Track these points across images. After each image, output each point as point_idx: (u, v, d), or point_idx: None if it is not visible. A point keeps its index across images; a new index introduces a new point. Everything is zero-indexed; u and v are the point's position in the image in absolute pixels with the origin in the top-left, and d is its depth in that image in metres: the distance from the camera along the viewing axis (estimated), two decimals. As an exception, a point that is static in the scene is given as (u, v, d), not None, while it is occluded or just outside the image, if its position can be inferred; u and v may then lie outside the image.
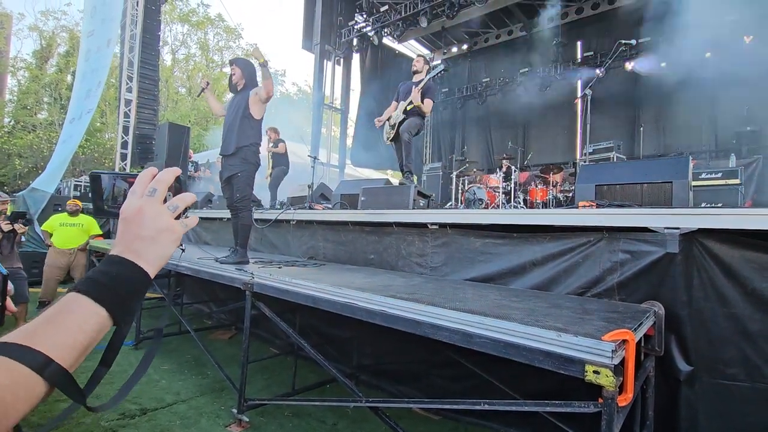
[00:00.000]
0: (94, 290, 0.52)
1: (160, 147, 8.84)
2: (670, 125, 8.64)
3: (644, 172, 3.04)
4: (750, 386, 1.96)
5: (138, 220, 0.58)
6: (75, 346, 0.48)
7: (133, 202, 0.60)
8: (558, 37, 9.95)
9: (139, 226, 0.58)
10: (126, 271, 0.55)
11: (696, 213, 2.13)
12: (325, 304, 2.19)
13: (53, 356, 0.46)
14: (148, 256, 0.57)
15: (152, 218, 0.59)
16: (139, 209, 0.59)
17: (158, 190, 0.61)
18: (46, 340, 0.46)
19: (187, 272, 3.48)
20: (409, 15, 9.47)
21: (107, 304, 0.52)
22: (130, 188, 0.62)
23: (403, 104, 4.62)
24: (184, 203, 0.63)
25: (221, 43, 29.67)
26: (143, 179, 0.62)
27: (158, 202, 0.60)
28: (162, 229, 0.59)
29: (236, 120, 3.44)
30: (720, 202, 4.46)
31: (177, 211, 0.62)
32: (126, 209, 0.59)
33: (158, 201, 0.61)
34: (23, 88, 22.44)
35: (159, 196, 0.61)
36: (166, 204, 0.61)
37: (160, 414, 2.78)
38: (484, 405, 1.64)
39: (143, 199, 0.60)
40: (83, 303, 0.51)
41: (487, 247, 2.94)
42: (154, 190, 0.61)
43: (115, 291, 0.53)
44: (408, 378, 3.22)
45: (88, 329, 0.50)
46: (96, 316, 0.51)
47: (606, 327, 1.51)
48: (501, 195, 6.55)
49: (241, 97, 3.49)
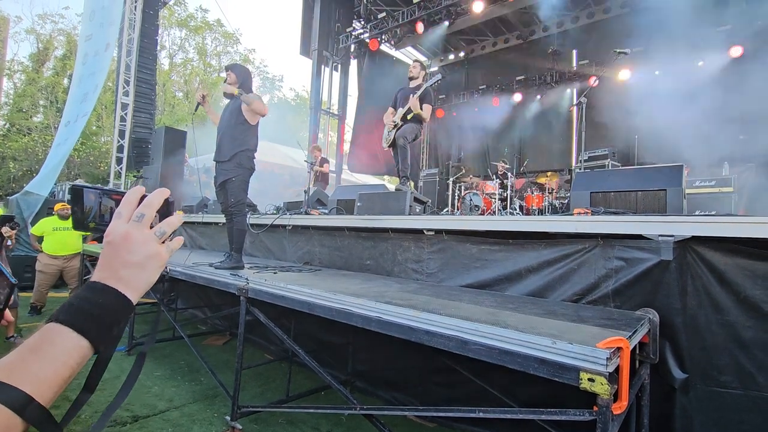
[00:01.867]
0: (78, 321, 0.50)
1: (156, 151, 8.82)
2: (664, 133, 8.72)
3: (639, 179, 3.06)
4: (743, 394, 1.97)
5: (125, 246, 0.57)
6: (56, 380, 0.47)
7: (119, 227, 0.58)
8: (554, 45, 10.06)
9: (127, 252, 0.56)
10: (110, 299, 0.54)
11: (690, 220, 2.14)
12: (321, 310, 2.18)
13: (33, 393, 0.44)
14: (134, 283, 0.56)
15: (140, 245, 0.57)
16: (126, 235, 0.57)
17: (146, 215, 0.59)
18: (26, 375, 0.45)
19: (182, 277, 3.46)
20: (406, 22, 9.55)
21: (90, 334, 0.50)
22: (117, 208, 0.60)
23: (402, 111, 4.63)
24: (171, 228, 0.62)
25: (219, 48, 29.76)
26: (130, 200, 0.60)
27: (146, 228, 0.59)
28: (150, 256, 0.58)
29: (231, 126, 3.44)
30: (713, 210, 4.50)
31: (164, 237, 0.60)
32: (112, 233, 0.57)
33: (146, 226, 0.59)
34: (19, 91, 22.35)
35: (146, 221, 0.59)
36: (153, 230, 0.60)
37: (152, 421, 2.75)
38: (479, 412, 1.63)
39: (130, 225, 0.58)
40: (65, 335, 0.49)
41: (482, 254, 2.94)
42: (142, 216, 0.59)
43: (99, 321, 0.51)
44: (403, 385, 3.20)
45: (71, 362, 0.48)
46: (79, 349, 0.49)
47: (601, 334, 1.51)
48: (497, 201, 6.58)
49: (235, 103, 3.49)
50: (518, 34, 11.23)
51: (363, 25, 10.93)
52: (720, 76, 7.83)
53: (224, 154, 3.41)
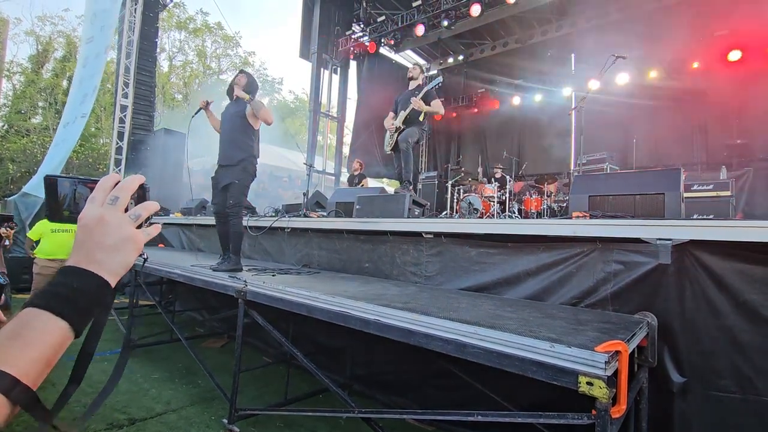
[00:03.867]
0: (55, 304, 0.50)
1: (154, 153, 8.81)
2: (662, 137, 8.76)
3: (637, 183, 3.07)
4: (741, 398, 1.97)
5: (99, 229, 0.56)
6: (39, 361, 0.47)
7: (93, 211, 0.58)
8: (553, 49, 10.10)
9: (102, 235, 0.56)
10: (86, 282, 0.53)
11: (688, 224, 2.15)
12: (319, 313, 2.18)
13: (18, 375, 0.44)
14: (109, 265, 0.56)
15: (114, 227, 0.57)
16: (101, 218, 0.57)
17: (120, 198, 0.59)
18: (9, 359, 0.45)
19: (180, 279, 3.45)
20: (405, 25, 9.58)
21: (68, 317, 0.50)
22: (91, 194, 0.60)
23: (403, 114, 4.63)
24: (147, 212, 0.61)
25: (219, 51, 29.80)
26: (104, 186, 0.60)
27: (120, 211, 0.59)
28: (125, 238, 0.58)
29: (234, 130, 3.46)
30: (711, 214, 4.51)
31: (139, 219, 0.60)
32: (85, 217, 0.57)
33: (120, 209, 0.59)
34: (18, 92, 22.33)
35: (121, 205, 0.59)
36: (128, 213, 0.60)
37: (149, 424, 2.73)
38: (477, 416, 1.63)
39: (104, 208, 0.58)
40: (43, 318, 0.49)
41: (481, 257, 2.95)
42: (116, 198, 0.59)
43: (75, 303, 0.51)
44: (402, 388, 3.19)
45: (52, 342, 0.48)
46: (58, 330, 0.49)
47: (599, 338, 1.51)
48: (496, 204, 6.58)
49: (238, 107, 3.50)
50: (517, 38, 11.27)
51: (362, 28, 10.96)
52: (718, 80, 7.86)
53: (230, 159, 3.44)
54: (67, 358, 0.52)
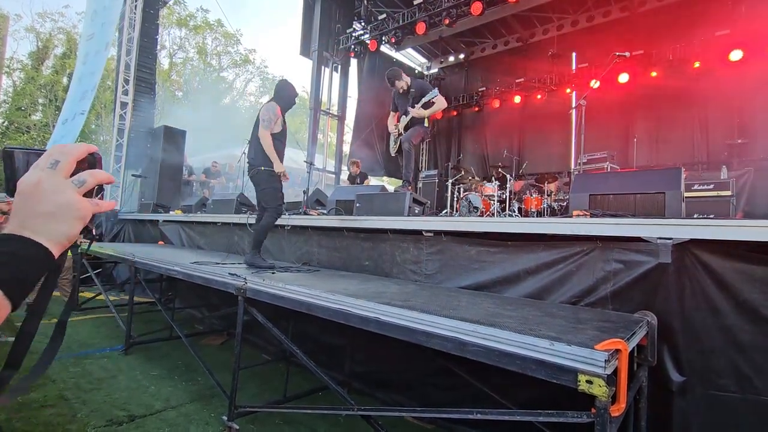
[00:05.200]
0: None
1: (155, 150, 8.81)
2: (663, 136, 8.76)
3: (637, 182, 3.07)
4: (741, 397, 1.97)
5: (36, 194, 0.52)
6: None
7: (31, 175, 0.53)
8: (553, 48, 10.08)
9: (37, 201, 0.52)
10: (22, 248, 0.49)
11: (688, 224, 2.15)
12: (319, 311, 2.18)
13: None
14: (47, 233, 0.51)
15: (52, 192, 0.53)
16: (38, 182, 0.53)
17: (61, 162, 0.54)
18: None
19: (180, 276, 3.45)
20: (406, 24, 9.56)
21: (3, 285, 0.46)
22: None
23: (405, 120, 4.60)
24: (95, 179, 0.56)
25: (219, 48, 29.76)
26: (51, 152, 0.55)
27: (60, 175, 0.54)
28: (62, 204, 0.53)
29: (257, 129, 3.55)
30: (712, 213, 4.51)
31: (84, 186, 0.55)
32: (23, 182, 0.53)
33: (60, 174, 0.54)
34: (18, 89, 22.31)
35: (62, 169, 0.54)
36: (72, 178, 0.55)
37: (148, 421, 2.73)
38: (476, 414, 1.63)
39: (43, 172, 0.54)
40: None
41: (481, 255, 2.94)
42: (56, 162, 0.54)
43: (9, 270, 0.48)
44: (401, 386, 3.19)
45: None
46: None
47: (599, 336, 1.51)
48: (496, 203, 6.58)
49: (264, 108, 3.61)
50: (518, 36, 11.25)
51: (363, 26, 10.93)
52: (719, 79, 7.85)
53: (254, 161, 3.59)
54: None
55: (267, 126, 3.45)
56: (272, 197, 3.54)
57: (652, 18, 8.94)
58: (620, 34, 9.14)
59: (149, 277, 5.39)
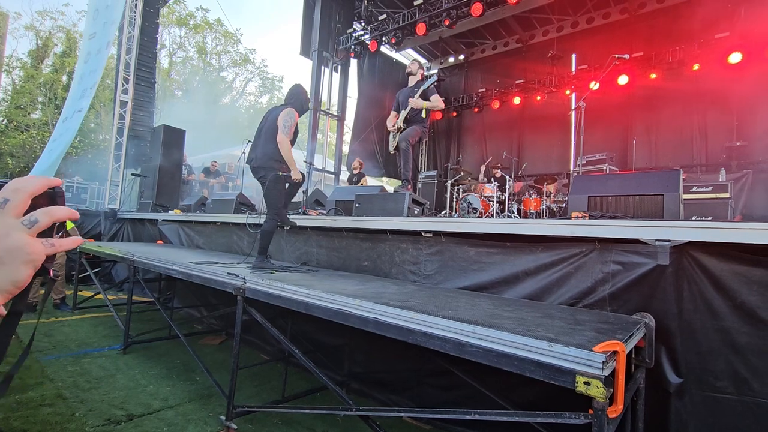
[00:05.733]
0: None
1: (154, 149, 8.80)
2: (661, 139, 8.78)
3: (636, 184, 3.08)
4: (738, 399, 1.98)
5: None
6: None
7: None
8: (553, 49, 10.10)
9: None
10: None
11: (686, 226, 2.15)
12: (318, 311, 2.18)
13: None
14: None
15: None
16: None
17: (11, 200, 0.49)
18: None
19: (179, 276, 3.45)
20: (406, 24, 9.57)
21: None
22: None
23: (404, 113, 4.66)
24: (49, 217, 0.51)
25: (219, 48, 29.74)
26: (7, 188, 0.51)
27: (8, 216, 0.49)
28: (9, 249, 0.48)
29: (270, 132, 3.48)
30: (710, 216, 4.52)
31: (37, 226, 0.50)
32: None
33: (9, 214, 0.49)
34: (17, 87, 22.26)
35: (12, 208, 0.49)
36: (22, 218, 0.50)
37: (146, 420, 2.73)
38: (474, 415, 1.64)
39: None
40: None
41: (480, 256, 2.95)
42: (5, 201, 0.49)
43: None
44: (399, 386, 3.20)
45: None
46: None
47: (597, 338, 1.51)
48: (495, 204, 6.58)
49: (277, 110, 3.54)
50: (518, 37, 11.28)
51: (363, 26, 10.93)
52: (718, 82, 7.87)
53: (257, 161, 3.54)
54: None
55: (287, 132, 3.44)
56: (273, 202, 3.51)
57: (651, 20, 8.96)
58: (620, 36, 9.17)
59: (148, 277, 5.39)
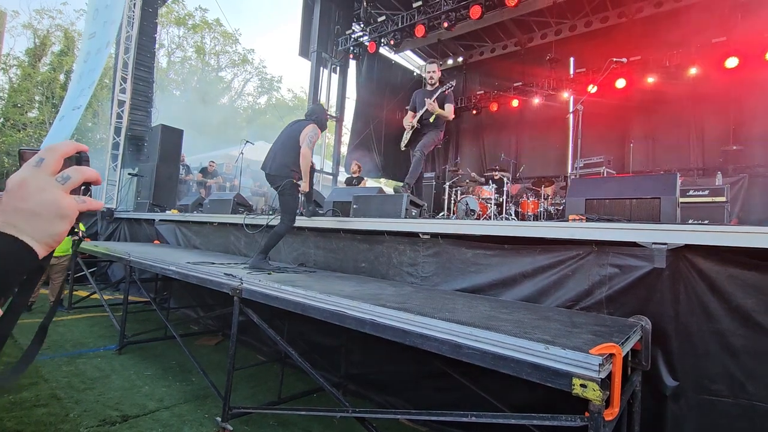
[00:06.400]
0: None
1: (152, 149, 8.77)
2: (659, 142, 8.82)
3: (633, 187, 3.08)
4: (733, 402, 1.98)
5: (20, 192, 0.52)
6: None
7: (18, 173, 0.53)
8: (551, 52, 10.13)
9: (21, 198, 0.52)
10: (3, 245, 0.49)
11: (683, 229, 2.16)
12: (315, 312, 2.18)
13: None
14: (30, 231, 0.51)
15: (35, 190, 0.52)
16: (22, 180, 0.52)
17: (46, 159, 0.54)
18: None
19: (175, 276, 3.44)
20: (405, 26, 9.59)
21: None
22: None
23: (420, 113, 4.81)
24: (81, 175, 0.55)
25: (218, 48, 29.72)
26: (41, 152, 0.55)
27: (44, 173, 0.53)
28: (46, 202, 0.52)
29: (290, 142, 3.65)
30: (706, 219, 4.54)
31: (69, 183, 0.54)
32: (10, 180, 0.53)
33: (45, 171, 0.53)
34: (15, 85, 22.17)
35: (48, 166, 0.54)
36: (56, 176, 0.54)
37: (141, 421, 2.72)
38: (471, 417, 1.63)
39: (29, 169, 0.53)
40: None
41: (478, 258, 2.95)
42: (41, 160, 0.54)
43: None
44: (396, 388, 3.19)
45: None
46: None
47: (594, 341, 1.51)
48: (493, 206, 6.59)
49: (300, 124, 3.72)
50: (516, 40, 11.31)
51: (362, 28, 10.95)
52: (715, 86, 7.91)
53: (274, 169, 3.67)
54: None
55: (311, 146, 3.70)
56: (292, 207, 3.68)
57: (649, 24, 9.01)
58: (618, 40, 9.20)
59: (144, 277, 5.36)
